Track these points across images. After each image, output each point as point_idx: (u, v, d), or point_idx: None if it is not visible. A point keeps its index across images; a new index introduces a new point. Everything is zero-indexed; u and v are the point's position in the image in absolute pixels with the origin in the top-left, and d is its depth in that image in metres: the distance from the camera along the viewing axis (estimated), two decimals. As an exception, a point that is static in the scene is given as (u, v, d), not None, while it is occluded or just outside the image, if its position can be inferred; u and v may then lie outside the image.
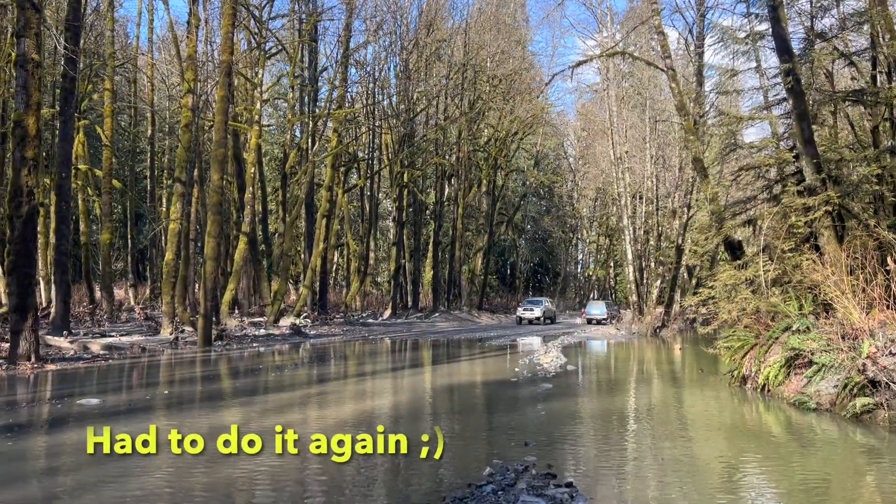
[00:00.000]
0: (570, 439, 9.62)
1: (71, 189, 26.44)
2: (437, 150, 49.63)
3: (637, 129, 43.25)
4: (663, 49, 25.02)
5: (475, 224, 58.88)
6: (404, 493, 6.71)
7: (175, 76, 39.54)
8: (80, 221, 34.27)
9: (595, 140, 57.12)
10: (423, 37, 45.94)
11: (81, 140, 33.12)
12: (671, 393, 14.95)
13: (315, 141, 38.56)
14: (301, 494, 6.83)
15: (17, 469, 7.54)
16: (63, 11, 25.99)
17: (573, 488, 6.66)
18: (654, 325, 34.91)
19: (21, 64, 16.62)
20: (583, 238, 76.38)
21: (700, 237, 37.90)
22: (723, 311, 15.97)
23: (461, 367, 19.20)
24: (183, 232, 27.73)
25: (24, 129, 16.42)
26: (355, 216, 53.31)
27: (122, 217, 44.46)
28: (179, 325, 25.62)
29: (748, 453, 9.01)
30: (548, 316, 45.29)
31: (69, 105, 23.35)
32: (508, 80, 51.61)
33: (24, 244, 16.51)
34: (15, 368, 15.38)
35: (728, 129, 20.49)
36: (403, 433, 9.95)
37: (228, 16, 24.56)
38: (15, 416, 10.43)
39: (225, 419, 10.78)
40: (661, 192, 43.24)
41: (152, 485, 6.96)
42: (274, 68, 48.32)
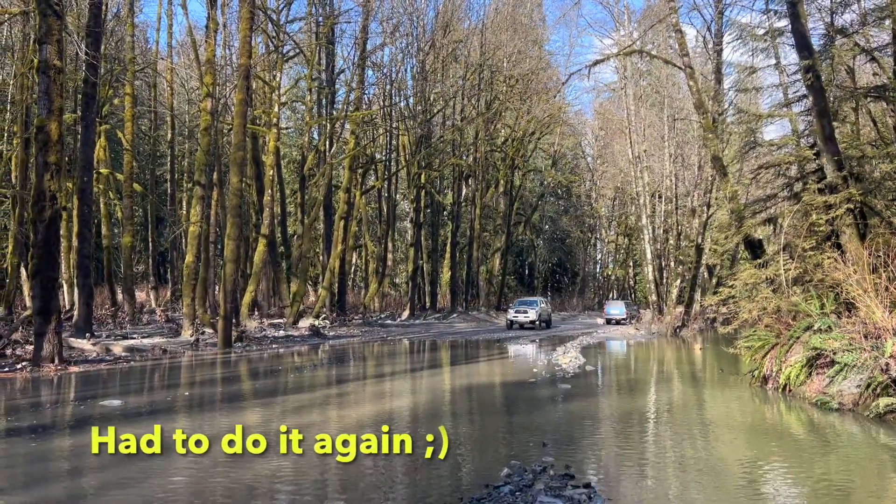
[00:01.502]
0: (589, 440, 9.59)
1: (93, 193, 26.78)
2: (454, 151, 49.63)
3: (655, 128, 42.97)
4: (681, 47, 24.85)
5: (493, 224, 58.79)
6: (422, 493, 6.73)
7: (194, 80, 39.88)
8: (102, 225, 34.68)
9: (613, 139, 56.85)
10: (439, 38, 45.97)
11: (103, 144, 33.52)
12: (691, 393, 14.85)
13: (333, 143, 38.73)
14: (321, 494, 6.87)
15: (41, 469, 7.66)
16: (84, 18, 26.33)
17: (591, 489, 6.64)
18: (673, 325, 34.67)
19: (43, 70, 16.86)
20: (601, 238, 76.01)
21: (720, 236, 37.54)
22: (743, 310, 15.83)
23: (479, 368, 19.19)
24: (203, 234, 27.96)
25: (47, 134, 16.66)
26: (373, 218, 53.46)
27: (143, 220, 44.92)
28: (200, 327, 25.84)
29: (769, 454, 8.92)
30: (543, 319, 38.88)
31: (91, 110, 23.65)
32: (525, 80, 51.48)
33: (48, 248, 16.74)
34: (39, 370, 15.60)
35: (747, 127, 20.30)
36: (423, 433, 9.98)
37: (246, 20, 24.75)
38: (39, 417, 10.58)
39: (246, 420, 10.87)
40: (680, 191, 42.92)
41: (173, 485, 7.04)
42: (292, 71, 48.63)
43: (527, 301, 40.47)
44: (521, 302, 40.52)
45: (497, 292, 54.95)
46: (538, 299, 41.18)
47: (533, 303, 39.63)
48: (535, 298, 42.11)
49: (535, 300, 40.62)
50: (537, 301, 40.14)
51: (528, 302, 40.06)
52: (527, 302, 40.08)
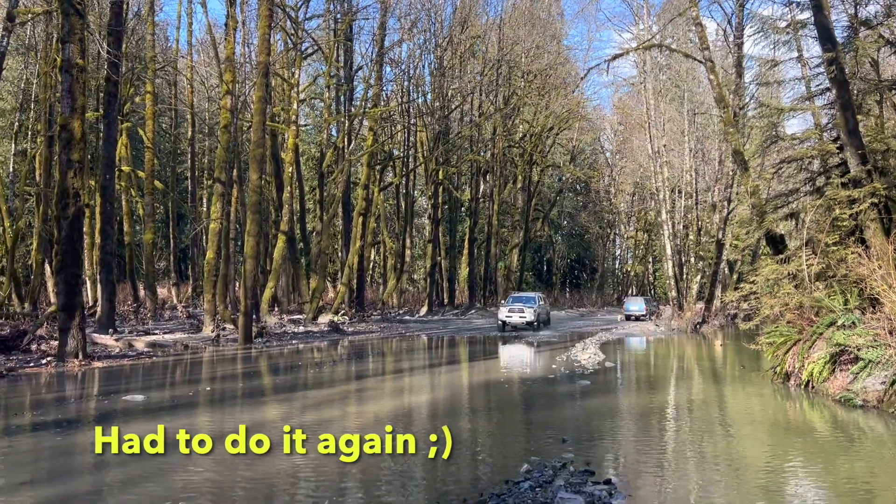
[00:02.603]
0: (609, 436, 9.56)
1: (115, 190, 27.09)
2: (472, 147, 49.58)
3: (675, 123, 42.62)
4: (701, 41, 24.63)
5: (511, 220, 58.68)
6: (442, 489, 6.74)
7: (214, 78, 40.17)
8: (124, 222, 35.08)
9: (632, 134, 56.47)
10: (457, 34, 45.91)
11: (124, 142, 33.88)
12: (712, 389, 14.75)
13: (351, 140, 38.85)
14: (340, 490, 6.91)
15: (65, 463, 7.78)
16: (106, 17, 26.60)
17: (612, 485, 6.62)
18: (694, 321, 34.42)
19: (66, 69, 17.07)
20: (620, 233, 75.56)
21: (741, 231, 37.26)
22: (765, 306, 15.69)
23: (498, 364, 19.18)
24: (223, 231, 28.18)
25: (70, 132, 16.87)
26: (391, 214, 53.58)
27: (164, 217, 45.36)
28: (221, 323, 26.06)
29: (792, 451, 8.84)
30: (542, 319, 33.04)
31: (112, 108, 23.90)
32: (543, 75, 51.30)
33: (71, 244, 16.97)
34: (64, 365, 15.82)
35: (769, 121, 20.07)
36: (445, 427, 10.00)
37: (265, 17, 24.87)
38: (64, 411, 10.74)
39: (266, 415, 10.96)
40: (701, 186, 42.55)
41: (195, 477, 7.11)
42: (310, 68, 48.79)
43: (522, 297, 34.27)
44: (515, 298, 34.18)
45: (515, 288, 54.87)
46: (535, 295, 35.08)
47: (530, 300, 33.38)
48: (531, 294, 35.82)
49: (532, 296, 34.42)
50: (535, 298, 33.95)
51: (523, 298, 33.81)
52: (522, 298, 33.82)
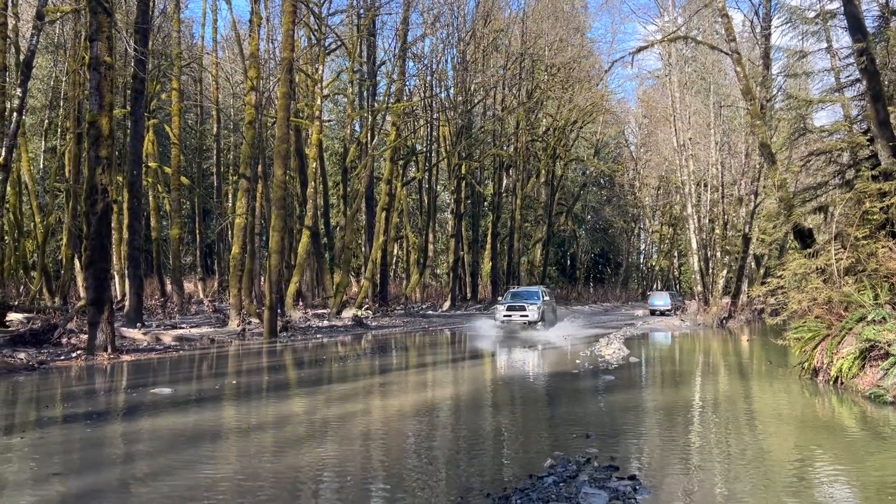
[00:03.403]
0: (633, 432, 9.50)
1: (142, 186, 27.44)
2: (495, 141, 49.46)
3: (701, 115, 42.10)
4: (728, 32, 24.28)
5: (534, 215, 58.47)
6: (466, 482, 6.75)
7: (238, 74, 40.50)
8: (151, 217, 35.54)
9: (657, 127, 55.94)
10: (480, 28, 45.78)
11: (151, 139, 34.31)
12: (738, 385, 14.59)
13: (374, 135, 38.97)
14: (365, 481, 6.95)
15: (96, 455, 7.91)
16: (132, 15, 26.93)
17: (636, 481, 6.58)
18: (720, 316, 34.06)
19: (94, 66, 17.31)
20: (645, 227, 74.98)
21: (768, 225, 36.70)
22: (792, 301, 15.45)
23: (522, 358, 19.15)
24: (248, 226, 28.44)
25: (99, 129, 17.11)
26: (414, 209, 53.68)
27: (190, 213, 45.89)
28: (246, 317, 26.32)
29: (820, 448, 8.72)
30: (548, 318, 28.82)
31: (139, 105, 24.20)
32: (567, 69, 51.01)
33: (100, 240, 17.23)
34: (93, 358, 16.09)
35: (797, 113, 19.76)
36: (465, 423, 10.03)
37: (289, 13, 24.99)
38: (94, 403, 10.92)
39: (291, 408, 11.06)
40: (727, 180, 42.01)
41: (221, 470, 7.20)
42: (333, 64, 49.00)
43: (523, 293, 29.92)
44: (514, 294, 29.91)
45: (538, 283, 54.72)
46: (538, 289, 30.36)
47: (532, 295, 29.09)
48: (534, 288, 31.05)
49: (534, 290, 29.96)
50: (537, 292, 29.50)
51: (524, 294, 29.55)
52: (523, 294, 29.56)
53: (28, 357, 15.46)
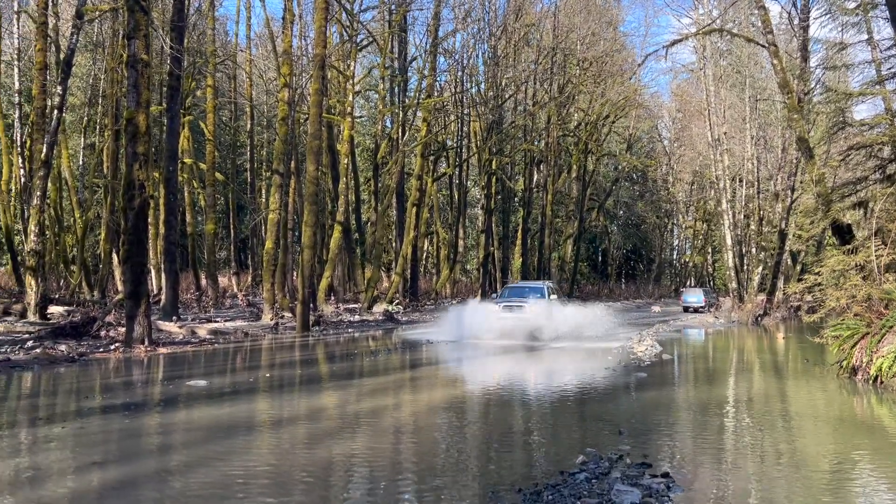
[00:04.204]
0: (666, 429, 9.42)
1: (178, 182, 27.88)
2: (526, 137, 49.23)
3: (736, 109, 41.43)
4: (765, 24, 23.84)
5: (565, 210, 58.12)
6: (497, 478, 6.76)
7: (272, 71, 40.89)
8: (187, 213, 36.09)
9: (691, 121, 55.21)
10: (511, 22, 45.58)
11: (186, 135, 34.81)
12: (773, 383, 14.36)
13: (405, 131, 39.05)
14: (396, 474, 7.00)
15: (134, 445, 8.08)
16: (169, 13, 27.33)
17: (669, 479, 6.53)
18: (755, 314, 33.55)
19: (132, 64, 17.63)
20: (678, 223, 74.04)
21: (805, 221, 36.00)
22: (830, 298, 15.18)
23: (552, 355, 19.07)
24: (282, 222, 28.74)
25: (136, 125, 17.43)
26: (444, 204, 53.72)
27: (224, 208, 46.50)
28: (279, 311, 26.62)
29: (859, 448, 8.56)
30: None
31: (175, 102, 24.56)
32: (599, 63, 50.53)
33: (137, 234, 17.57)
34: (130, 351, 16.43)
35: (836, 107, 19.35)
36: (494, 419, 10.04)
37: (321, 10, 25.15)
38: (132, 395, 11.16)
39: (324, 402, 11.17)
40: (763, 175, 41.29)
41: (255, 462, 7.31)
42: (365, 60, 49.19)
43: (524, 288, 24.61)
44: (512, 290, 24.56)
45: (569, 279, 54.39)
46: (544, 285, 25.16)
47: (534, 291, 23.85)
48: (537, 284, 25.95)
49: (537, 286, 24.77)
50: (542, 288, 24.41)
51: (525, 290, 24.10)
52: (524, 290, 24.05)
53: (69, 349, 15.84)
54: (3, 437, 8.23)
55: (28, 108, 29.48)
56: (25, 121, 29.52)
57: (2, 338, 16.89)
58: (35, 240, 20.79)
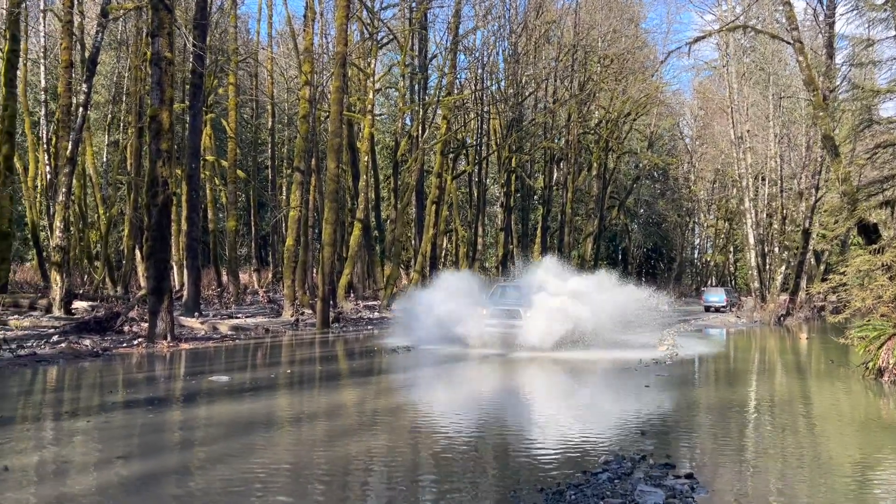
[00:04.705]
0: (687, 430, 9.34)
1: (200, 179, 28.11)
2: (546, 134, 49.03)
3: (759, 107, 40.97)
4: (790, 20, 23.52)
5: (585, 208, 57.80)
6: (517, 476, 6.73)
7: (293, 69, 41.06)
8: (208, 209, 36.39)
9: (713, 119, 54.66)
10: (532, 19, 45.39)
11: (208, 133, 35.10)
12: (796, 384, 14.19)
13: (425, 128, 39.05)
14: (415, 472, 7.00)
15: (157, 439, 8.16)
16: (191, 11, 27.54)
17: (693, 480, 6.47)
18: (777, 314, 33.19)
19: (156, 62, 17.79)
20: (700, 222, 73.36)
21: (830, 220, 35.40)
22: (856, 298, 14.95)
23: (572, 353, 18.96)
24: (302, 219, 28.88)
25: (160, 123, 17.59)
26: (464, 202, 53.65)
27: (245, 205, 46.82)
28: (299, 308, 26.76)
29: (884, 450, 8.43)
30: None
31: (198, 99, 24.76)
32: (620, 60, 50.18)
33: (160, 231, 17.73)
34: (153, 346, 16.59)
35: (863, 104, 19.03)
36: (514, 418, 10.01)
37: (342, 7, 25.21)
38: (155, 390, 11.27)
39: (343, 398, 11.21)
40: (786, 173, 40.79)
41: (276, 459, 7.35)
42: (385, 58, 49.23)
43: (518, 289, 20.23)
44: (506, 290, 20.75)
45: (588, 277, 54.06)
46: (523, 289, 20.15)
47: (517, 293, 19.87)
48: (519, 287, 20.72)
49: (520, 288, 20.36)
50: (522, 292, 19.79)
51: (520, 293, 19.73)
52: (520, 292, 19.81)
53: (93, 343, 16.03)
54: (30, 430, 8.34)
55: (54, 106, 29.90)
56: (51, 118, 29.97)
57: (28, 332, 17.13)
58: (60, 236, 21.05)
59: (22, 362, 13.59)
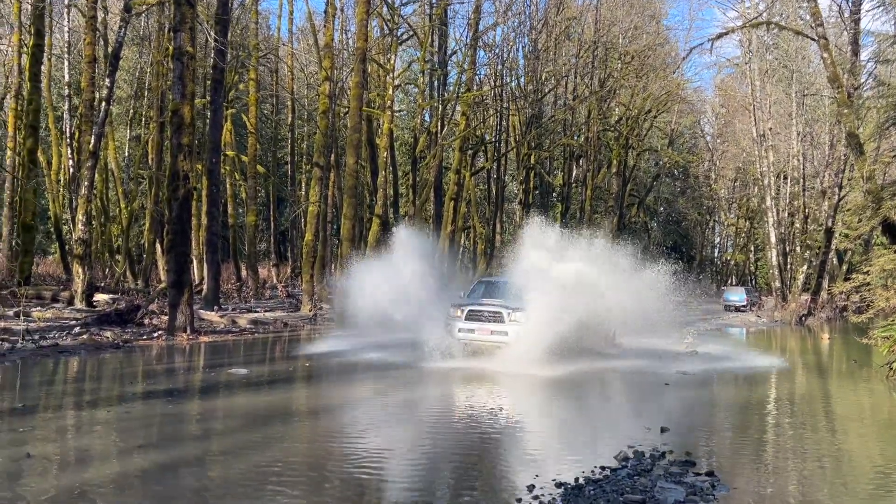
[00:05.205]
0: (707, 428, 9.26)
1: (220, 174, 28.28)
2: (566, 131, 48.81)
3: (782, 105, 40.50)
4: (814, 16, 23.22)
5: (604, 206, 57.45)
6: (535, 470, 6.70)
7: (313, 65, 41.22)
8: (228, 204, 36.62)
9: (735, 117, 54.12)
10: (552, 16, 45.17)
11: (229, 128, 35.30)
12: (817, 383, 14.02)
13: (444, 125, 39.00)
14: (435, 465, 7.00)
15: (176, 430, 8.23)
16: (213, 7, 27.70)
17: (714, 477, 6.41)
18: (798, 313, 32.81)
19: (178, 56, 17.92)
20: (720, 220, 72.73)
21: (853, 219, 34.92)
22: (879, 298, 14.78)
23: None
24: (321, 214, 28.96)
25: (181, 117, 17.72)
26: (482, 199, 53.55)
27: (265, 200, 47.06)
28: (318, 303, 26.85)
29: (909, 452, 8.30)
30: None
31: (219, 95, 24.90)
32: (641, 57, 49.78)
33: (181, 225, 17.88)
34: (173, 339, 16.74)
35: (888, 101, 18.78)
36: (533, 413, 9.97)
37: (363, 3, 25.24)
38: (174, 381, 11.36)
39: (358, 392, 11.23)
40: (808, 172, 40.31)
41: (293, 451, 7.38)
42: (405, 54, 49.23)
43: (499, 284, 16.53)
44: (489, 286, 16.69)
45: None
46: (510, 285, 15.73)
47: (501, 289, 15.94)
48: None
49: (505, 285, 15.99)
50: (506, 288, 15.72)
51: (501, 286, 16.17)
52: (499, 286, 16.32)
53: (114, 335, 16.20)
54: (52, 419, 8.45)
55: (77, 101, 30.22)
56: (74, 113, 30.30)
57: (50, 323, 17.35)
58: (83, 229, 21.28)
59: (44, 353, 13.77)
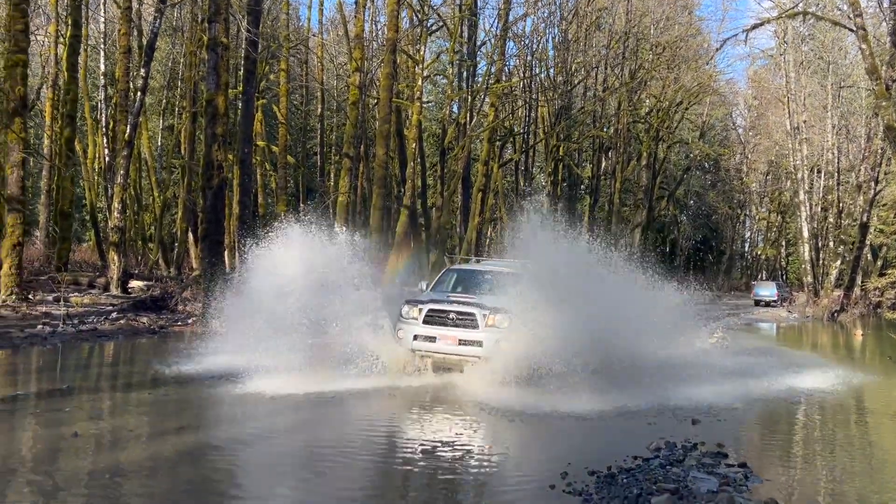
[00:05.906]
0: (737, 421, 9.22)
1: (252, 164, 28.58)
2: (595, 123, 48.47)
3: (817, 97, 39.82)
4: (853, 6, 22.81)
5: (633, 199, 56.99)
6: (567, 457, 6.74)
7: (343, 56, 41.41)
8: (258, 194, 37.02)
9: (768, 109, 53.31)
10: (583, 6, 44.80)
11: (259, 118, 35.63)
12: (850, 379, 13.84)
13: (473, 116, 38.97)
14: (467, 452, 7.07)
15: (211, 414, 8.43)
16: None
17: (747, 468, 6.41)
18: (831, 309, 32.32)
19: (212, 47, 18.17)
20: (751, 214, 71.78)
21: (889, 214, 34.43)
22: (917, 294, 14.51)
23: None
24: (350, 204, 29.17)
25: (215, 107, 17.98)
26: (509, 190, 53.45)
27: (294, 191, 47.45)
28: (345, 291, 27.06)
29: (946, 449, 8.20)
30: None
31: (251, 85, 25.08)
32: (673, 48, 49.21)
33: (215, 213, 18.16)
34: (206, 325, 17.01)
35: (929, 94, 18.39)
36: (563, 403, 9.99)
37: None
38: (209, 366, 11.57)
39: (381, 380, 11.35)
40: (843, 165, 39.61)
41: (323, 437, 7.51)
42: (434, 45, 49.20)
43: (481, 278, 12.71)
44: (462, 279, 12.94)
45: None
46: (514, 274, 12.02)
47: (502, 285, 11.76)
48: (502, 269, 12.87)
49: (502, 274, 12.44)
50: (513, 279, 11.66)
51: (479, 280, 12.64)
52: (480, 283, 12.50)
53: (149, 321, 16.54)
54: (93, 401, 8.69)
55: (112, 91, 30.72)
56: (109, 102, 30.81)
57: (88, 309, 17.74)
58: (118, 217, 21.68)
59: (84, 337, 14.11)
